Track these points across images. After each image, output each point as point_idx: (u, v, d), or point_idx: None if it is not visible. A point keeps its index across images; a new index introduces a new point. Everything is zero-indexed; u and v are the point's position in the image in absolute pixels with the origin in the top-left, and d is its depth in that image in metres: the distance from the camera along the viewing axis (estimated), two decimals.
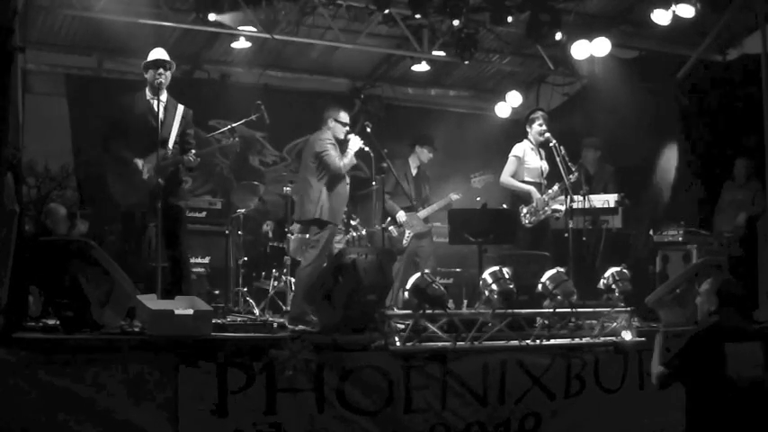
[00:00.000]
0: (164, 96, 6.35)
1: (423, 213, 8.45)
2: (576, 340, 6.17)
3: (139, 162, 6.23)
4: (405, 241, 8.35)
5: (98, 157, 7.14)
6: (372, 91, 11.01)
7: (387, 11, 8.45)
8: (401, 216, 8.36)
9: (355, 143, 7.05)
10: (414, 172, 8.63)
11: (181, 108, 6.49)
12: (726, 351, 4.52)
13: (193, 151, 6.37)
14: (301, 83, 10.54)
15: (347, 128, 7.16)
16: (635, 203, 8.49)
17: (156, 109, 6.30)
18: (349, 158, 7.04)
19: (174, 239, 6.33)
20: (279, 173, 9.98)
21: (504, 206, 7.73)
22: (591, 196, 7.71)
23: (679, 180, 9.23)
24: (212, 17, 7.55)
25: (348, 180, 7.16)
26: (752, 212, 8.29)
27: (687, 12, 8.26)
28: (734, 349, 4.54)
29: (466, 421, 5.73)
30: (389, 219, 8.40)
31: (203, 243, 8.36)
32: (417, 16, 8.43)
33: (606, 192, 8.44)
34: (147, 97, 6.39)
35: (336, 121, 7.14)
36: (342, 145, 7.09)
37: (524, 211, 7.66)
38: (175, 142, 6.41)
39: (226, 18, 7.47)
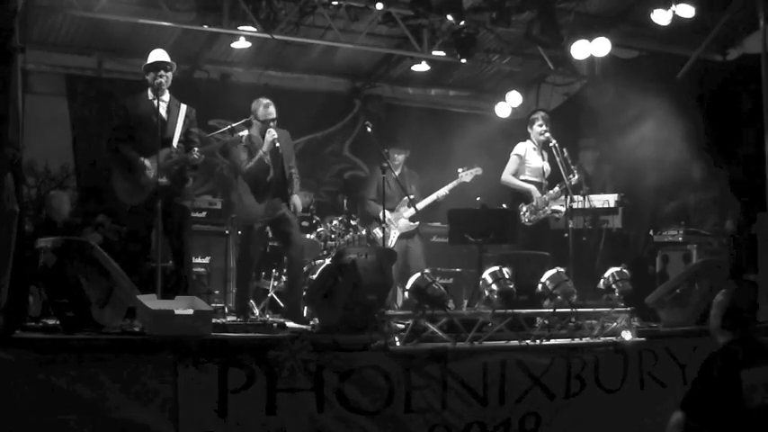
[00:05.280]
0: (166, 96, 6.37)
1: (408, 213, 8.39)
2: (576, 340, 6.16)
3: (146, 161, 6.25)
4: (390, 242, 8.31)
5: (102, 157, 7.16)
6: (372, 91, 11.02)
7: (381, 6, 8.46)
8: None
9: (267, 140, 6.93)
10: (395, 173, 8.44)
11: (184, 107, 6.51)
12: (741, 378, 4.11)
13: (196, 149, 6.38)
14: (301, 83, 10.55)
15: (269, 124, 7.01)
16: (635, 203, 8.50)
17: (158, 109, 6.31)
18: (255, 161, 6.90)
19: (180, 240, 6.34)
20: None
21: (504, 206, 7.72)
22: (591, 196, 7.73)
23: (680, 180, 9.24)
24: None
25: (273, 174, 6.97)
26: (735, 217, 8.34)
27: (687, 12, 8.26)
28: (748, 375, 4.13)
29: (466, 421, 5.71)
30: (373, 221, 8.36)
31: (203, 243, 8.38)
32: (423, 21, 8.44)
33: (605, 192, 8.45)
34: (150, 98, 6.41)
35: (256, 119, 7.04)
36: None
37: (524, 209, 7.66)
38: (180, 141, 6.43)
39: None
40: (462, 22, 8.63)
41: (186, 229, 6.47)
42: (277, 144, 6.95)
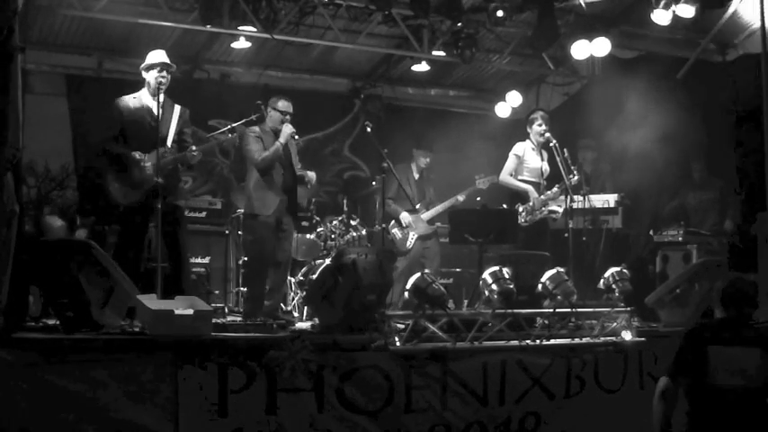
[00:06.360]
0: (161, 97, 6.36)
1: (427, 215, 8.47)
2: (576, 340, 6.17)
3: (137, 153, 6.25)
4: (409, 243, 8.37)
5: (97, 158, 7.16)
6: (372, 91, 11.01)
7: (387, 12, 8.48)
8: (405, 218, 8.38)
9: (285, 131, 6.95)
10: (416, 176, 8.65)
11: (177, 108, 6.53)
12: (708, 354, 4.34)
13: (194, 147, 6.39)
14: (301, 83, 10.54)
15: (286, 117, 7.04)
16: (635, 203, 8.50)
17: (153, 109, 6.32)
18: (272, 150, 6.92)
19: (175, 239, 6.34)
20: None
21: (504, 206, 7.73)
22: (591, 196, 7.74)
23: (679, 180, 9.24)
24: None
25: (283, 170, 7.02)
26: (735, 217, 8.33)
27: (687, 12, 8.26)
28: (717, 353, 4.35)
29: (466, 421, 5.72)
30: (393, 221, 8.42)
31: (203, 243, 8.37)
32: (423, 21, 8.43)
33: (605, 192, 8.45)
34: (144, 98, 6.41)
35: (275, 109, 7.08)
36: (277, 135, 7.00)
37: (521, 209, 7.66)
38: (174, 141, 6.44)
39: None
40: (461, 23, 8.64)
41: (181, 228, 6.47)
42: (296, 137, 7.02)
